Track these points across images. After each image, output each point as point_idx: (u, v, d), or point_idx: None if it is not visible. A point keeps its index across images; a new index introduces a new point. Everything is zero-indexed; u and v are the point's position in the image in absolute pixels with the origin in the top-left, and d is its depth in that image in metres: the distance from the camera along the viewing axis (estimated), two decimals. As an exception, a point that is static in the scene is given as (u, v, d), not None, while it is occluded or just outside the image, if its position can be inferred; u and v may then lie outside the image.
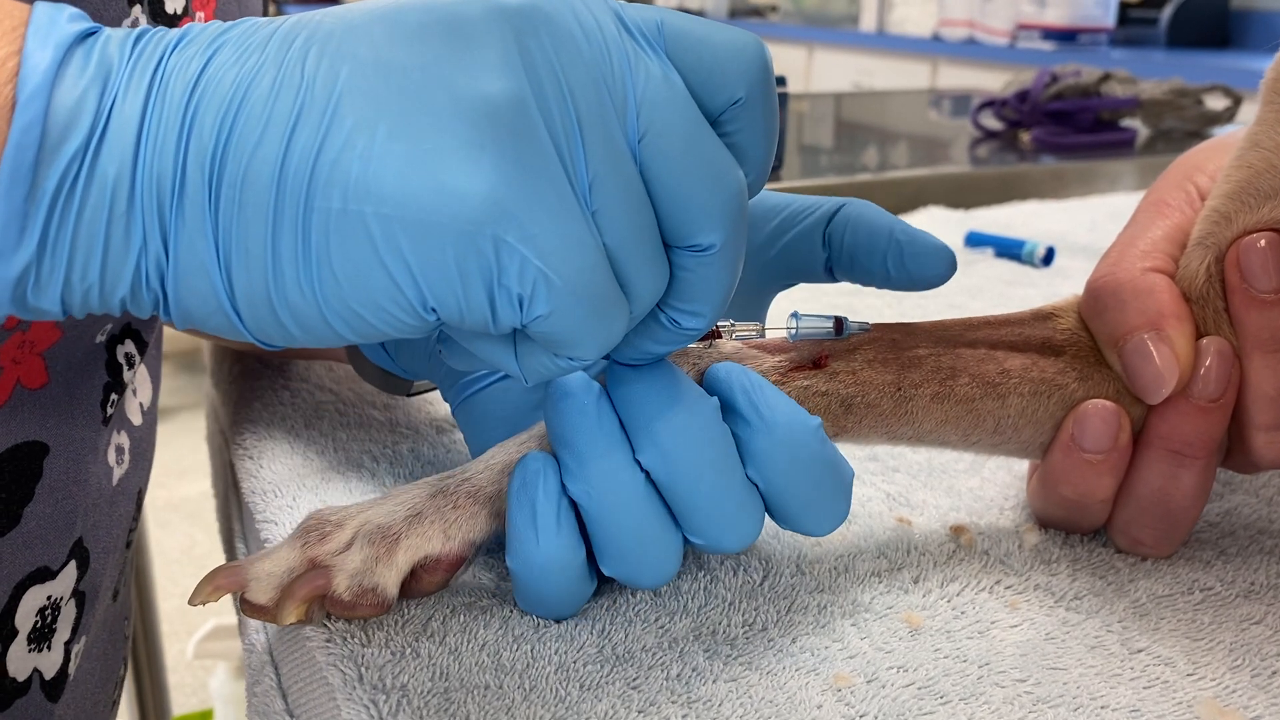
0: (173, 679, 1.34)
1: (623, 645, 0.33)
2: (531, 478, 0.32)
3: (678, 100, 0.28)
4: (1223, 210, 0.36)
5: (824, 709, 0.30)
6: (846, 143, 1.37)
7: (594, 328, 0.27)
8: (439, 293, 0.26)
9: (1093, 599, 0.36)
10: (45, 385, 0.37)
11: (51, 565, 0.39)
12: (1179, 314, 0.36)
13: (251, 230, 0.26)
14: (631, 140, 0.28)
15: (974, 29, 2.86)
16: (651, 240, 0.28)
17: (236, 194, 0.25)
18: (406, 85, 0.26)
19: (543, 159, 0.26)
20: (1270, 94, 0.35)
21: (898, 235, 0.36)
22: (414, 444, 0.46)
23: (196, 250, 0.26)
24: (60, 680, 0.41)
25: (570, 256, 0.26)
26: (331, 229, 0.26)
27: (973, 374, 0.37)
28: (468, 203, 0.25)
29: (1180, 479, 0.36)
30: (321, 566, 0.32)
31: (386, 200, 0.25)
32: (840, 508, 0.34)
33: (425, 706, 0.30)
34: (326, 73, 0.26)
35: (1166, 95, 1.23)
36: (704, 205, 0.28)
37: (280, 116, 0.25)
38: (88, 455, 0.40)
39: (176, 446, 2.31)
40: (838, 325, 0.36)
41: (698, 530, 0.32)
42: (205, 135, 0.25)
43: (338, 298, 0.26)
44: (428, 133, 0.25)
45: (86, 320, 0.38)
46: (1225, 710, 0.31)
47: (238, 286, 0.26)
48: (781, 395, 0.33)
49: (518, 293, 0.26)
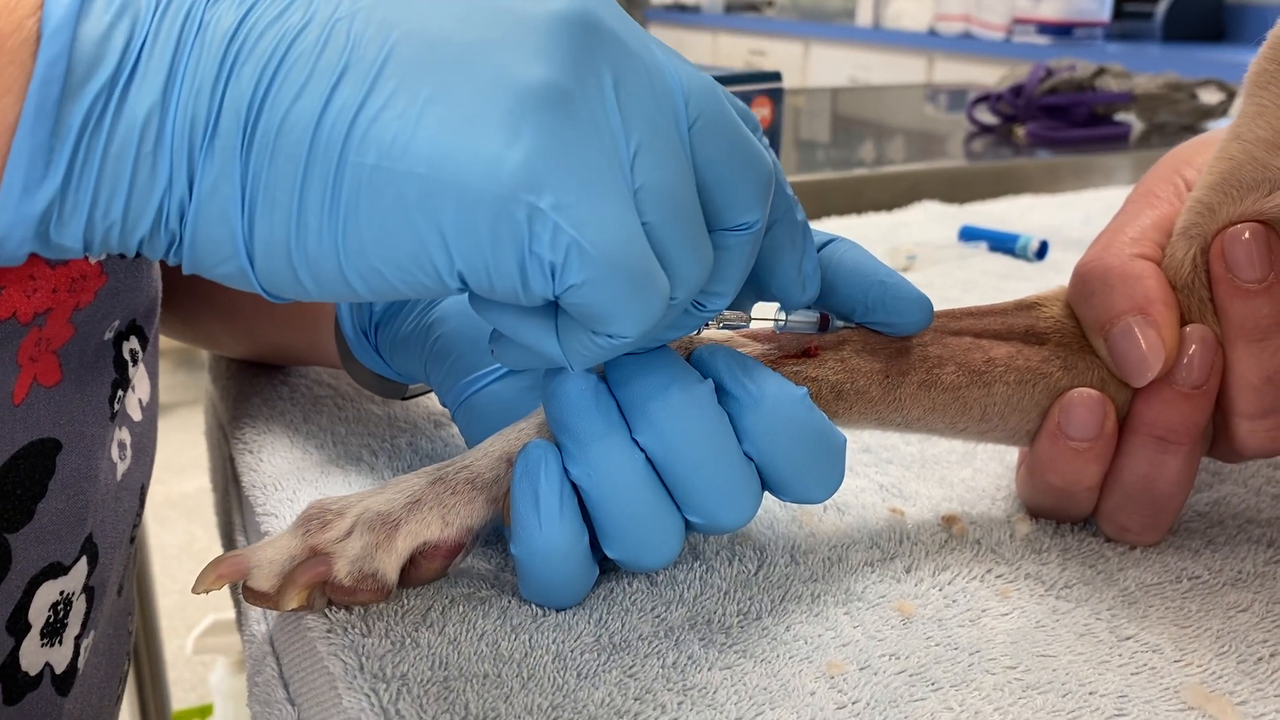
0: (172, 674, 1.35)
1: (619, 634, 0.33)
2: (533, 465, 0.32)
3: (717, 91, 0.30)
4: (1207, 201, 0.36)
5: (817, 696, 0.31)
6: (843, 137, 1.37)
7: (631, 302, 0.28)
8: (468, 257, 0.27)
9: (1082, 587, 0.36)
10: (59, 383, 0.37)
11: (64, 561, 0.39)
12: (1165, 300, 0.36)
13: (281, 179, 0.26)
14: (681, 127, 0.29)
15: (970, 23, 2.87)
16: (696, 221, 0.29)
17: (270, 141, 0.26)
18: (452, 56, 0.26)
19: (584, 135, 0.27)
20: (1253, 88, 0.36)
21: (883, 279, 0.37)
22: (412, 438, 0.47)
23: (222, 194, 0.26)
24: (70, 674, 0.41)
25: (606, 227, 0.27)
26: (363, 185, 0.26)
27: (959, 363, 0.37)
28: (503, 169, 0.26)
29: (1165, 465, 0.37)
30: (322, 554, 0.33)
31: (421, 160, 0.26)
32: (835, 474, 0.34)
33: (425, 695, 0.30)
34: (375, 35, 0.26)
35: (1161, 89, 1.24)
36: (748, 186, 0.30)
37: (324, 71, 0.26)
38: (97, 451, 0.40)
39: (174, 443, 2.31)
40: (824, 321, 0.36)
41: (696, 508, 0.32)
42: (245, 82, 0.26)
43: (360, 254, 0.27)
44: (469, 101, 0.26)
45: (98, 318, 0.39)
46: (1212, 696, 0.31)
47: (258, 233, 0.27)
48: (767, 370, 0.33)
49: (550, 260, 0.27)
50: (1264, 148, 0.35)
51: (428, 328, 0.41)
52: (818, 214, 0.95)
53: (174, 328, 0.56)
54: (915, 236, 0.80)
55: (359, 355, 0.45)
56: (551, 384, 0.33)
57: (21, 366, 0.36)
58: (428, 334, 0.40)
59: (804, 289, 0.35)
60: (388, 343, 0.43)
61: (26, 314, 0.35)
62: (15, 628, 0.37)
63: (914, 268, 0.73)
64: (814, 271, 0.35)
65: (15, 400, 0.36)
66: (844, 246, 0.38)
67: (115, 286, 0.39)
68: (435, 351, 0.40)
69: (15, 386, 0.36)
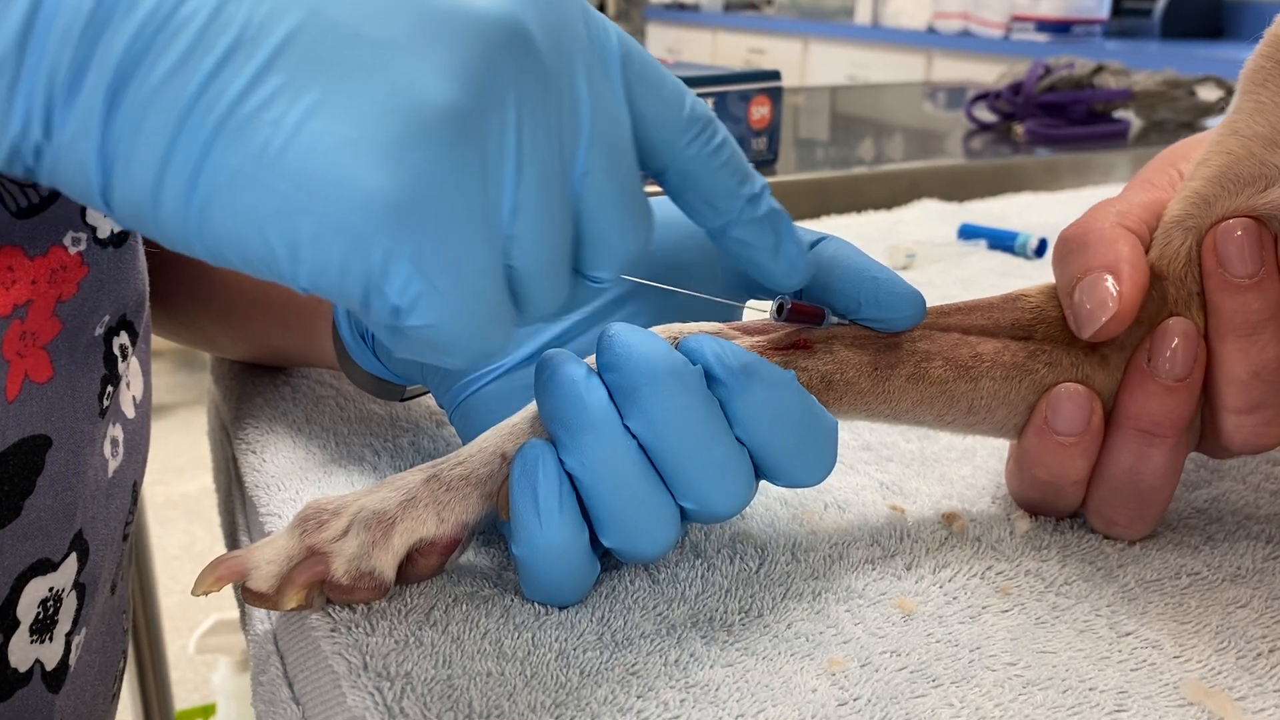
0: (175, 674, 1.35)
1: (622, 632, 0.33)
2: (531, 464, 0.32)
3: (626, 135, 0.29)
4: (1203, 193, 0.37)
5: (819, 693, 0.31)
6: (841, 136, 1.38)
7: (471, 343, 0.27)
8: (315, 278, 0.25)
9: (1082, 584, 0.36)
10: (51, 379, 0.38)
11: (52, 557, 0.39)
12: (1135, 264, 0.36)
13: (140, 155, 0.24)
14: (575, 175, 0.28)
15: (968, 21, 2.87)
16: (561, 268, 0.28)
17: (136, 115, 0.24)
18: (353, 58, 0.24)
19: (467, 177, 0.25)
20: (1250, 85, 0.36)
21: (875, 275, 0.37)
22: (414, 437, 0.47)
23: (79, 151, 0.24)
24: (61, 671, 0.41)
25: (462, 280, 0.25)
26: (223, 185, 0.24)
27: (946, 357, 0.38)
28: (373, 207, 0.24)
29: (1150, 459, 0.37)
30: (320, 553, 0.33)
31: (288, 176, 0.24)
32: (826, 456, 0.34)
33: (429, 693, 0.30)
34: (278, 9, 0.24)
35: (1159, 87, 1.24)
36: (617, 246, 0.30)
37: (212, 43, 0.23)
38: (86, 448, 0.40)
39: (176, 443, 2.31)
40: (819, 316, 0.37)
41: (689, 493, 0.33)
42: (119, 40, 0.23)
43: (213, 240, 0.25)
44: (357, 118, 0.24)
45: (86, 312, 0.39)
46: (1211, 691, 0.31)
47: (115, 193, 0.25)
48: (754, 355, 0.34)
49: (396, 303, 0.25)
50: (1262, 144, 0.35)
51: None
52: (817, 212, 0.95)
53: (172, 330, 0.56)
54: (914, 234, 0.81)
55: (356, 357, 0.45)
56: (543, 375, 0.33)
57: (10, 362, 0.36)
58: None
59: (789, 275, 0.35)
60: (384, 344, 0.43)
61: (6, 306, 0.35)
62: (4, 624, 0.37)
63: (913, 266, 0.74)
64: (799, 256, 0.34)
65: (9, 397, 0.36)
66: (835, 244, 0.38)
67: (99, 278, 0.39)
68: None
69: (7, 383, 0.36)
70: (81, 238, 0.38)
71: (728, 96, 0.99)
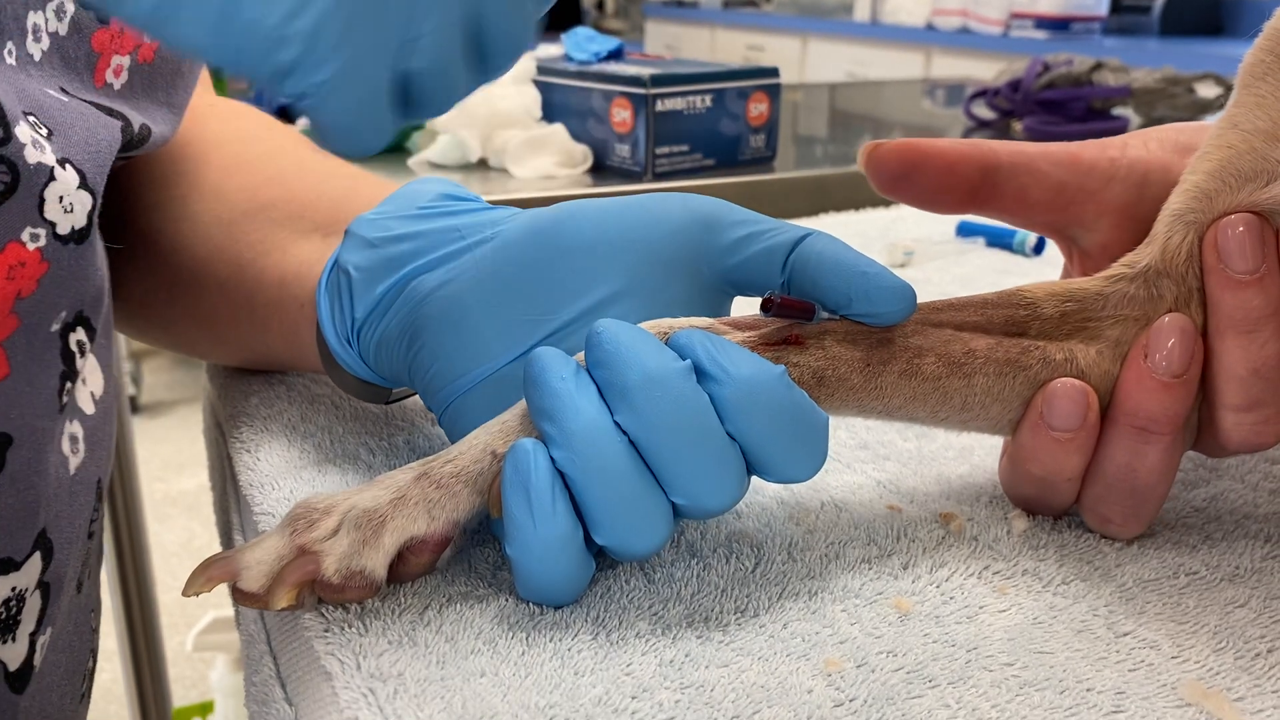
0: (172, 672, 1.35)
1: (617, 632, 0.33)
2: (523, 462, 0.32)
3: None
4: (1205, 188, 0.37)
5: (814, 693, 0.31)
6: (841, 133, 1.37)
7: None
8: None
9: (1079, 584, 0.36)
10: (8, 376, 0.37)
11: (15, 556, 0.39)
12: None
13: None
14: None
15: (967, 18, 2.87)
16: (458, 70, 0.29)
17: None
18: None
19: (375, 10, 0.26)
20: (1250, 79, 0.36)
21: (864, 269, 0.36)
22: (409, 435, 0.47)
23: None
24: (26, 672, 0.41)
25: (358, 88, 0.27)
26: None
27: (939, 353, 0.37)
28: (280, 53, 0.25)
29: (1146, 456, 0.37)
30: (310, 552, 0.33)
31: None
32: (817, 451, 0.34)
33: (423, 693, 0.30)
34: None
35: (1158, 84, 1.24)
36: None
37: None
38: (47, 445, 0.40)
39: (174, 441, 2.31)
40: (810, 311, 0.36)
41: (680, 489, 0.33)
42: None
43: None
44: None
45: (44, 309, 0.38)
46: (1209, 692, 0.31)
47: None
48: (744, 350, 0.33)
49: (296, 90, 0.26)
50: (1263, 139, 0.35)
51: (410, 332, 0.40)
52: (815, 210, 0.95)
53: (154, 335, 0.56)
54: (913, 232, 0.80)
55: (342, 361, 0.44)
56: (531, 372, 0.33)
57: None
58: (411, 338, 0.40)
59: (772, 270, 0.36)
60: (370, 347, 0.42)
61: None
62: None
63: (911, 263, 0.73)
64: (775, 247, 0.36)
65: None
66: (822, 240, 0.38)
67: (59, 274, 0.39)
68: (419, 356, 0.40)
69: None
70: (40, 234, 0.37)
71: (726, 93, 0.99)
